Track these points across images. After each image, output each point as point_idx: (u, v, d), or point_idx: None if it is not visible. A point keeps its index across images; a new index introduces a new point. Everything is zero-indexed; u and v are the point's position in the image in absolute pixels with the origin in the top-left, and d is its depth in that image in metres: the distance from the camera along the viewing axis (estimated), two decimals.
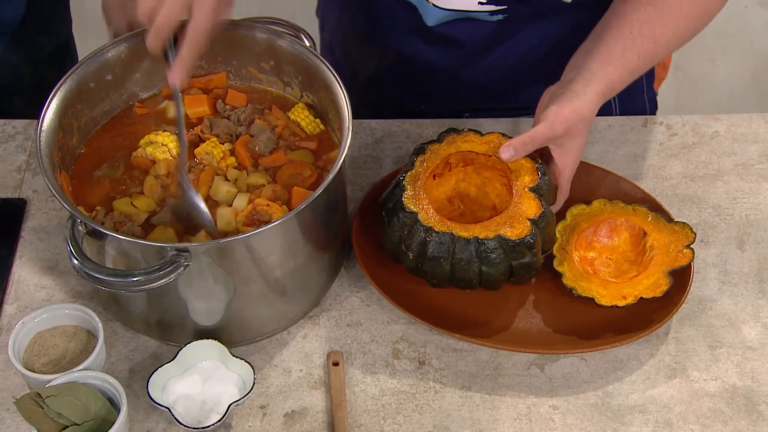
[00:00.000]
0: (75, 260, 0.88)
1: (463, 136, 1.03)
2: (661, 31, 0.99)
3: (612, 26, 1.00)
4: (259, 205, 0.95)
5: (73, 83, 1.00)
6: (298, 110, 1.06)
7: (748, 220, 1.10)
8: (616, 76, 0.98)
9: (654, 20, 0.99)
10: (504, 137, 1.02)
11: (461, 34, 1.13)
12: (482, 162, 1.03)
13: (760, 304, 1.03)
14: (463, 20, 1.10)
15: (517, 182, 0.99)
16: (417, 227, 0.96)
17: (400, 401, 0.97)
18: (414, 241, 0.97)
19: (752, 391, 0.97)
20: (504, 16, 1.09)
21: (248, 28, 1.05)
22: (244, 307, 0.98)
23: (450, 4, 1.08)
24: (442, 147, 1.03)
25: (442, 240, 0.95)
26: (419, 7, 1.12)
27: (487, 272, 0.96)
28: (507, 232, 0.95)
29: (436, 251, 0.95)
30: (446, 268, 0.96)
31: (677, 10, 1.00)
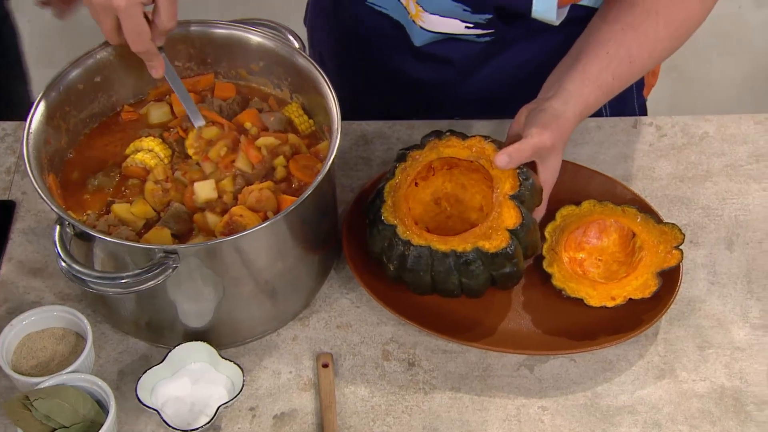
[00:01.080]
0: (63, 262, 0.88)
1: (445, 141, 1.02)
2: (637, 53, 1.00)
3: (589, 47, 1.01)
4: (235, 215, 0.95)
5: (61, 85, 1.00)
6: (293, 108, 1.06)
7: (737, 220, 1.11)
8: (591, 98, 0.99)
9: (630, 42, 1.00)
10: (486, 141, 1.00)
11: (449, 54, 1.13)
12: (465, 165, 1.03)
13: (748, 304, 1.04)
14: (451, 40, 1.11)
15: (498, 190, 0.97)
16: (396, 240, 0.96)
17: (390, 403, 0.97)
18: (393, 253, 0.96)
19: (740, 392, 0.97)
20: (491, 38, 1.09)
21: (238, 29, 1.05)
22: (234, 308, 0.98)
23: (436, 27, 1.08)
24: (424, 153, 1.02)
25: (420, 254, 0.95)
26: (407, 27, 1.12)
27: (467, 283, 0.95)
28: (485, 244, 0.94)
29: (415, 264, 0.95)
30: (426, 279, 0.96)
31: (653, 32, 1.01)
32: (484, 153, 1.00)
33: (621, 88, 1.02)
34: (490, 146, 1.00)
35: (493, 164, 0.97)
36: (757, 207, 1.12)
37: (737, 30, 2.59)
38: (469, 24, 1.07)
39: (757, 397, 0.97)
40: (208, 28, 1.06)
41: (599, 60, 0.99)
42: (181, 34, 1.06)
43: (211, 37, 1.06)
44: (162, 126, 1.05)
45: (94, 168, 1.02)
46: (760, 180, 1.14)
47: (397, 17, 1.13)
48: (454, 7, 1.05)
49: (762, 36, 2.58)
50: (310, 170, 1.00)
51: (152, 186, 0.99)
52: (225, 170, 1.00)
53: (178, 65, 1.07)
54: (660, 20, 1.00)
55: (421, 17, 1.08)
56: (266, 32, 1.05)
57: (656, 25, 1.00)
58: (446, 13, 1.06)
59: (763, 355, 0.99)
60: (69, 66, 1.01)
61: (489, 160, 0.99)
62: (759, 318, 1.03)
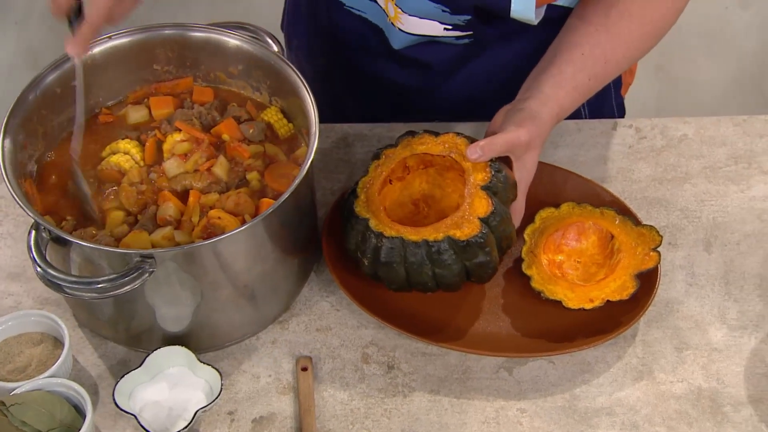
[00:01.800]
0: (38, 267, 0.87)
1: (419, 139, 1.02)
2: (612, 53, 1.01)
3: (564, 49, 1.01)
4: (212, 218, 0.95)
5: (38, 88, 1.00)
6: (272, 112, 1.06)
7: (716, 222, 1.11)
8: (567, 100, 1.00)
9: (605, 42, 1.01)
10: (459, 136, 1.01)
11: (428, 57, 1.13)
12: (441, 163, 1.03)
13: (725, 306, 1.04)
14: (429, 44, 1.11)
15: (470, 181, 0.98)
16: (369, 233, 0.96)
17: (369, 406, 0.97)
18: (368, 247, 0.96)
19: (717, 393, 0.97)
20: (470, 40, 1.09)
21: (216, 32, 1.05)
22: (213, 312, 0.98)
23: (415, 29, 1.08)
24: (397, 151, 1.02)
25: (392, 245, 0.95)
26: (385, 31, 1.12)
27: (441, 274, 0.95)
28: (456, 232, 0.94)
29: (388, 256, 0.95)
30: (401, 272, 0.96)
31: (627, 33, 1.02)
32: (457, 148, 1.00)
33: (597, 89, 1.02)
34: (463, 141, 1.01)
35: (465, 157, 0.98)
36: (735, 209, 1.12)
37: (723, 30, 2.60)
38: (448, 26, 1.07)
39: (733, 398, 0.97)
40: (186, 31, 1.05)
41: (574, 61, 1.00)
42: (160, 37, 1.06)
43: (189, 41, 1.06)
44: (140, 128, 1.05)
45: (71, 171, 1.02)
46: (738, 182, 1.15)
47: (375, 21, 1.13)
48: (432, 8, 1.05)
49: (748, 36, 2.59)
50: (286, 179, 1.00)
51: (127, 188, 0.99)
52: (201, 174, 1.00)
53: (157, 69, 1.07)
54: (634, 20, 1.01)
55: (400, 19, 1.08)
56: (245, 35, 1.05)
57: (630, 25, 1.01)
58: (425, 15, 1.06)
59: (740, 356, 1.00)
60: (46, 70, 1.01)
61: (462, 154, 0.99)
62: (736, 319, 1.03)
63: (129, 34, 1.05)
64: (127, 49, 1.05)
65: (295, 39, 1.30)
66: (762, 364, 0.99)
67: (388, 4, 1.07)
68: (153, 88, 1.08)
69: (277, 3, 1.37)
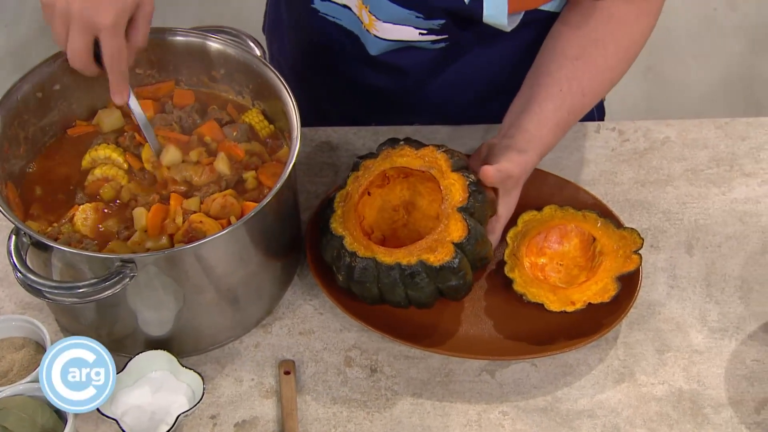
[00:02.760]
0: (18, 272, 0.87)
1: (399, 150, 1.01)
2: (589, 84, 1.03)
3: (541, 85, 1.03)
4: (194, 222, 0.95)
5: (19, 93, 1.00)
6: (253, 114, 1.06)
7: (697, 224, 1.11)
8: (550, 138, 1.02)
9: (581, 75, 1.02)
10: (438, 150, 0.99)
11: (405, 62, 1.13)
12: (419, 175, 1.03)
13: (707, 308, 1.05)
14: (406, 49, 1.11)
15: (446, 202, 0.97)
16: (343, 251, 0.96)
17: (352, 409, 0.97)
18: (342, 263, 0.96)
19: (698, 395, 0.98)
20: (446, 44, 1.10)
21: (198, 36, 1.05)
22: (195, 316, 0.98)
23: (391, 35, 1.08)
24: (377, 163, 1.02)
25: (366, 266, 0.95)
26: (361, 37, 1.12)
27: (413, 295, 0.95)
28: (429, 257, 0.94)
29: (362, 276, 0.95)
30: (374, 290, 0.96)
31: (603, 62, 1.03)
32: (436, 163, 1.00)
33: (576, 120, 1.05)
34: (443, 156, 0.99)
35: (443, 174, 0.98)
36: (717, 211, 1.13)
37: (712, 31, 2.61)
38: (423, 30, 1.07)
39: (714, 400, 0.97)
40: (169, 35, 1.05)
41: (553, 98, 1.02)
42: None
43: (172, 45, 1.06)
44: (116, 132, 1.05)
45: (58, 183, 1.01)
46: (720, 184, 1.15)
47: (350, 27, 1.13)
48: (406, 15, 1.06)
49: (736, 38, 2.60)
50: (278, 178, 1.00)
51: (126, 192, 0.99)
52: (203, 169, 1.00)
53: (139, 73, 1.07)
54: (608, 49, 1.03)
55: (375, 26, 1.08)
56: (227, 39, 1.05)
57: (605, 53, 1.03)
58: (399, 21, 1.07)
59: (721, 358, 1.00)
60: (26, 74, 1.01)
61: (441, 170, 0.99)
62: (717, 321, 1.03)
63: None
64: None
65: (276, 43, 1.30)
66: (742, 366, 1.00)
67: (362, 11, 1.07)
68: (135, 92, 1.07)
69: (260, 6, 1.37)
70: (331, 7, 1.11)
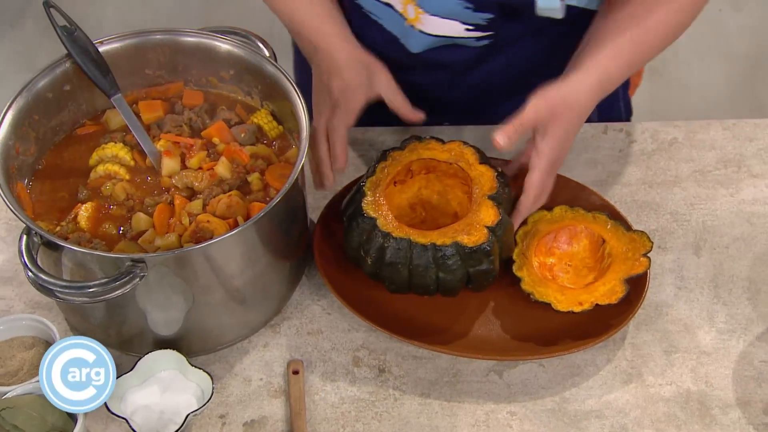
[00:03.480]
0: (29, 272, 0.88)
1: (425, 144, 1.04)
2: (654, 24, 0.98)
3: (598, 32, 1.00)
4: (201, 222, 0.95)
5: (30, 93, 1.00)
6: (262, 114, 1.07)
7: (705, 226, 1.12)
8: (611, 65, 0.98)
9: (640, 18, 0.99)
10: (465, 146, 1.03)
11: (445, 59, 1.12)
12: (444, 170, 1.04)
13: (714, 309, 1.05)
14: (448, 47, 1.10)
15: (477, 190, 1.00)
16: (375, 233, 0.97)
17: (360, 409, 0.97)
18: (372, 246, 0.97)
19: (706, 396, 0.98)
20: (490, 41, 1.08)
21: (207, 37, 1.06)
22: (204, 316, 0.98)
23: (436, 30, 1.07)
24: (404, 154, 1.04)
25: (399, 246, 0.96)
26: (401, 37, 1.11)
27: (444, 278, 0.96)
28: (464, 239, 0.96)
29: (394, 257, 0.96)
30: (404, 273, 0.97)
31: (664, 16, 1.00)
32: (463, 156, 1.02)
33: (639, 57, 0.99)
34: (470, 150, 1.03)
35: (471, 166, 0.99)
36: (725, 212, 1.13)
37: (717, 33, 2.61)
38: (469, 26, 1.06)
39: (721, 401, 0.98)
40: (178, 36, 1.06)
41: (612, 33, 0.98)
42: (152, 42, 1.06)
43: (181, 46, 1.06)
44: (123, 130, 1.05)
45: (64, 182, 1.01)
46: (728, 185, 1.15)
47: (390, 28, 1.11)
48: (455, 5, 1.04)
49: (741, 39, 2.60)
50: (286, 179, 1.00)
51: (120, 190, 0.99)
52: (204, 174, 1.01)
53: (149, 73, 1.08)
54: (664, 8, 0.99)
55: (421, 20, 1.06)
56: (236, 40, 1.05)
57: (660, 19, 0.99)
58: (447, 14, 1.05)
59: (729, 359, 1.01)
60: (37, 74, 1.01)
61: (468, 162, 1.02)
62: (725, 322, 1.04)
63: (121, 39, 1.05)
64: (120, 54, 1.05)
65: None
66: (750, 367, 1.00)
67: (408, 5, 1.06)
68: (143, 92, 1.08)
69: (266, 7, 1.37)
70: (372, 4, 1.10)
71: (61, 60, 1.02)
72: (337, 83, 1.06)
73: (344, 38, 1.09)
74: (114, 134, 1.05)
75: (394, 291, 1.00)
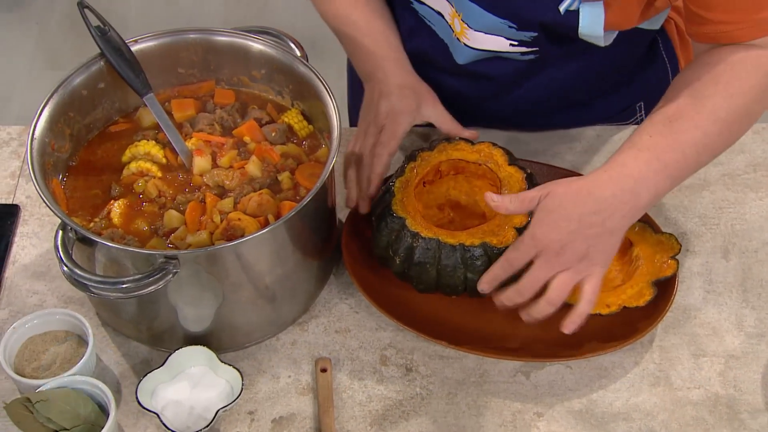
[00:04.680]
0: (65, 267, 0.89)
1: (454, 145, 1.05)
2: (674, 113, 0.92)
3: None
4: (232, 219, 0.96)
5: (65, 91, 1.01)
6: (292, 114, 1.08)
7: (734, 230, 1.11)
8: (624, 156, 0.91)
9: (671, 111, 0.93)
10: (494, 147, 1.04)
11: (491, 71, 1.12)
12: (473, 170, 1.05)
13: (743, 313, 1.04)
14: (494, 59, 1.10)
15: (506, 191, 1.00)
16: (404, 232, 0.98)
17: (387, 407, 0.98)
18: (401, 246, 0.98)
19: (734, 400, 0.98)
20: (535, 56, 1.08)
21: (240, 37, 1.07)
22: (233, 313, 0.99)
23: (481, 45, 1.07)
24: (433, 155, 1.05)
25: (428, 246, 0.96)
26: (450, 46, 1.12)
27: (472, 279, 0.97)
28: (492, 239, 0.96)
29: (423, 257, 0.97)
30: (432, 273, 0.97)
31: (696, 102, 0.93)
32: (492, 157, 1.03)
33: (661, 147, 0.91)
34: (499, 152, 1.03)
35: (500, 167, 1.00)
36: (754, 216, 1.13)
37: None
38: (514, 42, 1.06)
39: (750, 405, 0.97)
40: (211, 35, 1.07)
41: (637, 129, 0.93)
42: (185, 41, 1.07)
43: (214, 45, 1.07)
44: (155, 127, 1.06)
45: (97, 179, 1.03)
46: (757, 189, 1.15)
47: (441, 35, 1.12)
48: (498, 24, 1.04)
49: None
50: (316, 178, 1.01)
51: (152, 187, 1.00)
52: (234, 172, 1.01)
53: (181, 72, 1.09)
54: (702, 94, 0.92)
55: (466, 35, 1.07)
56: (268, 40, 1.06)
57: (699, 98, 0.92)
58: (491, 30, 1.05)
59: (757, 363, 1.00)
60: (73, 72, 1.03)
61: (497, 164, 1.03)
62: (754, 327, 1.03)
63: (155, 38, 1.06)
64: (153, 53, 1.06)
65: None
66: None
67: (455, 19, 1.07)
68: (176, 90, 1.09)
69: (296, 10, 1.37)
70: (426, 10, 1.11)
71: (96, 58, 1.04)
72: (385, 106, 1.08)
73: (397, 63, 1.11)
74: (147, 131, 1.06)
75: (422, 291, 1.00)
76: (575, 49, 1.07)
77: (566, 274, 0.91)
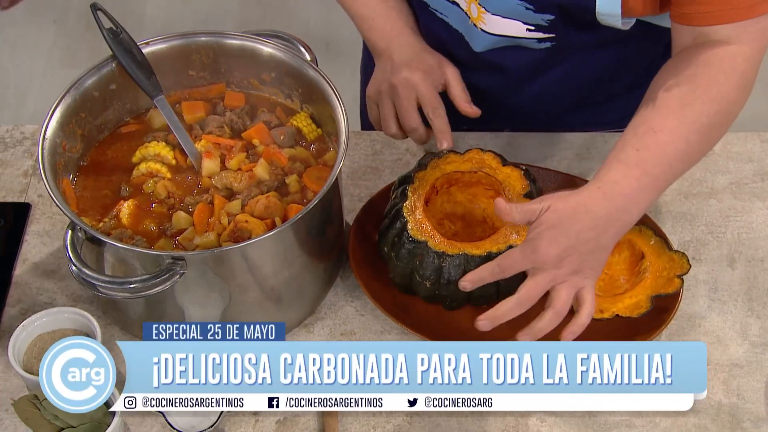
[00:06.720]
0: (73, 266, 0.90)
1: (444, 159, 1.04)
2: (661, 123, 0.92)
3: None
4: (240, 221, 0.97)
5: (77, 92, 1.03)
6: (301, 117, 1.08)
7: (740, 238, 1.11)
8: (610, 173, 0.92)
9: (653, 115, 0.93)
10: (483, 152, 1.03)
11: (508, 61, 1.13)
12: (467, 180, 1.05)
13: (748, 322, 1.04)
14: (511, 47, 1.10)
15: (509, 191, 1.00)
16: (429, 255, 0.97)
17: (390, 410, 0.98)
18: (428, 269, 0.97)
19: (737, 409, 0.98)
20: (552, 44, 1.08)
21: (250, 40, 1.08)
22: (240, 314, 1.00)
23: (498, 29, 1.08)
24: (428, 173, 1.04)
25: (457, 262, 0.96)
26: (466, 35, 1.12)
27: (503, 284, 0.96)
28: (517, 240, 0.97)
29: (453, 274, 0.96)
30: (460, 294, 0.97)
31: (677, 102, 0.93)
32: (485, 162, 1.03)
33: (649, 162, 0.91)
34: (489, 155, 1.03)
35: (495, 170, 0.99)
36: (761, 225, 1.12)
37: None
38: (531, 26, 1.06)
39: (753, 414, 0.97)
40: (222, 38, 1.08)
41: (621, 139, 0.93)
42: (196, 44, 1.08)
43: (224, 48, 1.08)
44: (166, 129, 1.07)
45: (109, 178, 1.04)
46: (765, 198, 1.15)
47: (456, 26, 1.12)
48: (516, 6, 1.04)
49: None
50: (324, 181, 1.01)
51: (161, 188, 1.02)
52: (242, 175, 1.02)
53: (192, 74, 1.10)
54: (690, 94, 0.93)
55: (483, 19, 1.07)
56: (278, 44, 1.07)
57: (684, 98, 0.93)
58: (508, 14, 1.05)
59: (761, 372, 1.00)
60: (85, 73, 1.04)
61: (492, 167, 1.03)
62: (758, 336, 1.03)
63: (166, 40, 1.07)
64: (164, 55, 1.07)
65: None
66: None
67: (471, 4, 1.07)
68: (186, 93, 1.10)
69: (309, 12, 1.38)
70: (439, 1, 1.11)
71: (108, 60, 1.05)
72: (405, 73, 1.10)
73: (413, 37, 1.14)
74: (157, 133, 1.07)
75: (453, 308, 1.00)
76: (591, 40, 1.07)
77: (563, 286, 0.91)
